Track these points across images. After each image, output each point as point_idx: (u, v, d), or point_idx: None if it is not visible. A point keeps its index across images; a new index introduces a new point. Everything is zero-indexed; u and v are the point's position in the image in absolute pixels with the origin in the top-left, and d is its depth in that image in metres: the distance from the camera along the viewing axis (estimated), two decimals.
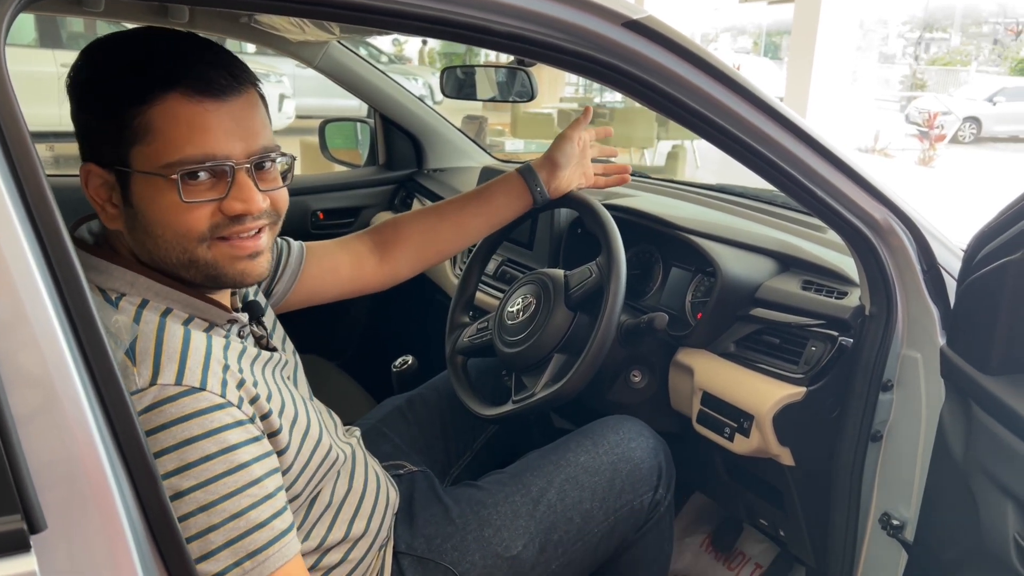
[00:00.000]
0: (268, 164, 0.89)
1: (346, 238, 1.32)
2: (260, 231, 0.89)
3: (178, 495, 0.76)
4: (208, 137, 0.82)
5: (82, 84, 0.85)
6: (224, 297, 0.96)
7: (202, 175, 0.83)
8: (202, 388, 0.80)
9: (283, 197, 0.93)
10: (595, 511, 1.21)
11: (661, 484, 1.29)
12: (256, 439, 0.83)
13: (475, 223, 1.36)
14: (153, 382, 0.78)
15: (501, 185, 1.36)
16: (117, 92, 0.82)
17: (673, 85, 0.94)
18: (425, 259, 1.35)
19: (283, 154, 0.91)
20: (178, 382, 0.78)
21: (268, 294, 1.19)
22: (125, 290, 0.85)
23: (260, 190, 0.87)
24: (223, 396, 0.81)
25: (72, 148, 0.89)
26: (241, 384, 0.85)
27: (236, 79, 0.85)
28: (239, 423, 0.82)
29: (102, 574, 0.64)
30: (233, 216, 0.85)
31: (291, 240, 1.24)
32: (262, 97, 0.90)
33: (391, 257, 1.31)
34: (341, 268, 1.27)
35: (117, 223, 0.87)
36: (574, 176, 1.38)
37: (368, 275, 1.30)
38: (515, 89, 1.69)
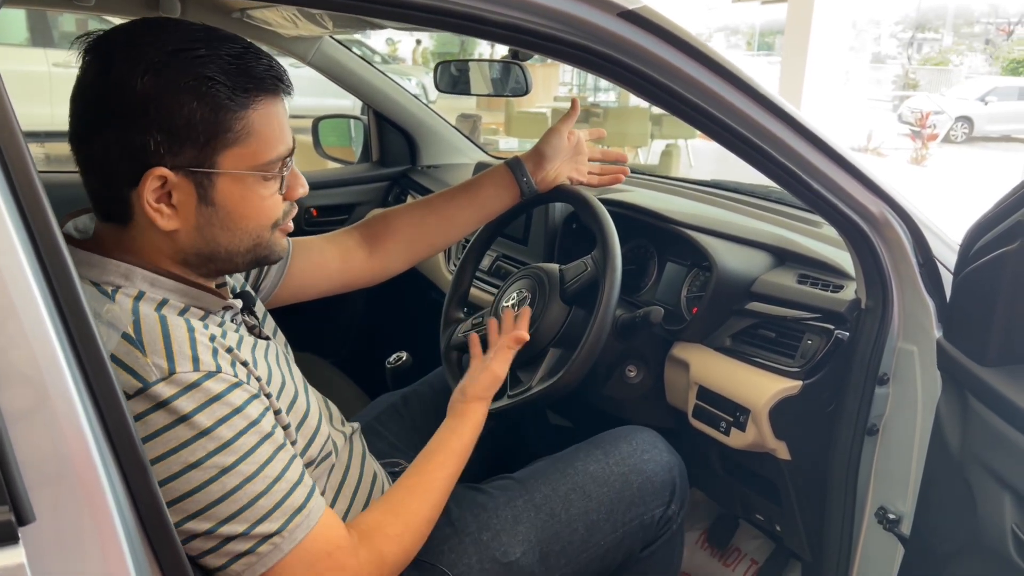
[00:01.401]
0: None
1: (334, 233, 1.31)
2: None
3: (223, 471, 0.80)
4: (287, 132, 0.90)
5: (163, 90, 0.80)
6: (214, 286, 0.96)
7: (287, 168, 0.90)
8: (218, 371, 0.82)
9: None
10: (602, 523, 1.19)
11: (674, 500, 1.26)
12: (268, 408, 0.88)
13: (464, 215, 1.35)
14: (172, 371, 0.79)
15: (488, 177, 1.35)
16: (221, 99, 0.82)
17: (669, 76, 0.94)
18: (415, 253, 1.34)
19: None
20: (196, 368, 0.81)
21: (256, 289, 1.19)
22: (120, 283, 0.85)
23: None
24: (235, 375, 0.84)
25: (63, 147, 0.87)
26: (245, 363, 0.88)
27: (286, 74, 0.90)
28: (254, 396, 0.85)
29: (91, 565, 0.63)
30: (293, 200, 0.94)
31: None
32: None
33: (381, 251, 1.31)
34: (329, 263, 1.27)
35: (173, 223, 0.85)
36: (564, 169, 1.37)
37: (357, 269, 1.30)
38: (509, 84, 1.68)
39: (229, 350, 0.86)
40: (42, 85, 6.91)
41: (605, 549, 1.19)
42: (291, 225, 0.96)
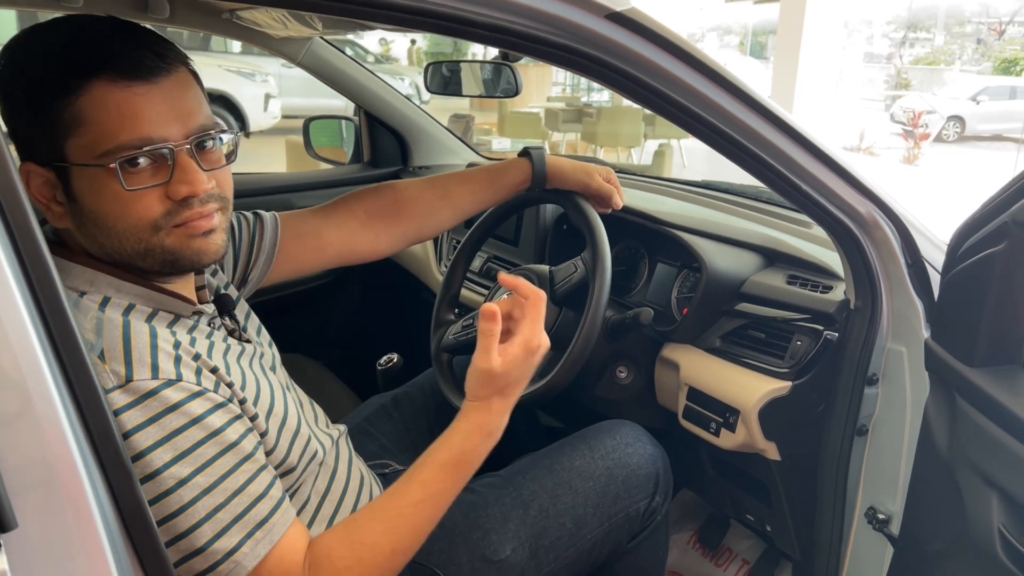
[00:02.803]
0: (209, 143, 0.87)
1: (334, 208, 1.25)
2: (211, 214, 0.87)
3: (180, 483, 0.78)
4: (141, 121, 0.80)
5: (6, 82, 0.82)
6: (187, 289, 0.94)
7: (141, 161, 0.81)
8: (179, 379, 0.80)
9: (228, 178, 0.91)
10: (589, 516, 1.19)
11: (658, 492, 1.27)
12: (238, 417, 0.85)
13: (477, 206, 1.36)
14: (130, 378, 0.78)
15: (512, 167, 1.35)
16: (41, 86, 0.80)
17: (657, 78, 0.94)
18: (421, 237, 1.33)
19: (223, 131, 0.89)
20: (154, 376, 0.79)
21: (244, 280, 1.18)
22: (85, 288, 0.84)
23: (204, 170, 0.85)
24: (198, 384, 0.82)
25: None
26: (214, 370, 0.86)
27: (163, 59, 0.83)
28: (219, 406, 0.83)
29: (75, 571, 0.63)
30: (180, 200, 0.84)
31: (264, 215, 1.19)
32: (195, 75, 0.88)
33: (388, 235, 1.27)
34: (328, 245, 1.23)
35: (64, 221, 0.85)
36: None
37: (360, 251, 1.26)
38: (500, 85, 1.68)
39: (196, 357, 0.84)
40: None
41: (593, 543, 1.20)
42: (203, 225, 0.86)
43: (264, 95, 9.88)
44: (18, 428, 0.60)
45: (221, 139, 0.88)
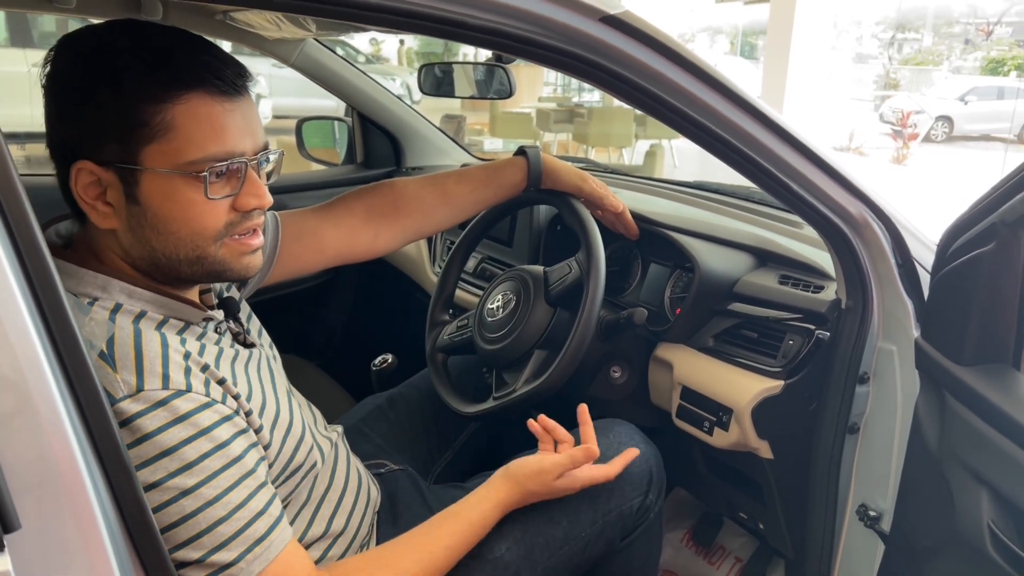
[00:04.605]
0: (266, 162, 0.91)
1: (332, 208, 1.26)
2: (257, 229, 0.91)
3: (184, 493, 0.79)
4: (227, 136, 0.84)
5: (80, 79, 0.82)
6: (194, 293, 0.95)
7: (224, 172, 0.84)
8: (188, 390, 0.81)
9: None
10: (582, 515, 1.20)
11: (651, 490, 1.27)
12: (244, 431, 0.86)
13: (475, 205, 1.38)
14: (140, 388, 0.78)
15: (509, 167, 1.37)
16: (134, 90, 0.80)
17: (650, 80, 0.95)
18: (419, 235, 1.35)
19: (275, 151, 0.93)
20: (165, 386, 0.80)
21: (245, 281, 1.18)
22: (97, 294, 0.85)
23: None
24: (207, 395, 0.83)
25: (44, 149, 0.86)
26: (222, 382, 0.86)
27: (244, 78, 0.87)
28: (226, 418, 0.84)
29: (77, 572, 0.63)
30: (245, 212, 0.87)
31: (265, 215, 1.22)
32: None
33: (387, 234, 1.28)
34: (328, 245, 1.24)
35: (111, 221, 0.85)
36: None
37: (359, 250, 1.27)
38: (493, 86, 1.69)
39: (205, 368, 0.85)
40: (22, 86, 6.83)
41: (586, 541, 1.20)
42: (254, 243, 0.91)
43: (255, 95, 9.83)
44: (20, 430, 0.60)
45: (269, 158, 0.92)
